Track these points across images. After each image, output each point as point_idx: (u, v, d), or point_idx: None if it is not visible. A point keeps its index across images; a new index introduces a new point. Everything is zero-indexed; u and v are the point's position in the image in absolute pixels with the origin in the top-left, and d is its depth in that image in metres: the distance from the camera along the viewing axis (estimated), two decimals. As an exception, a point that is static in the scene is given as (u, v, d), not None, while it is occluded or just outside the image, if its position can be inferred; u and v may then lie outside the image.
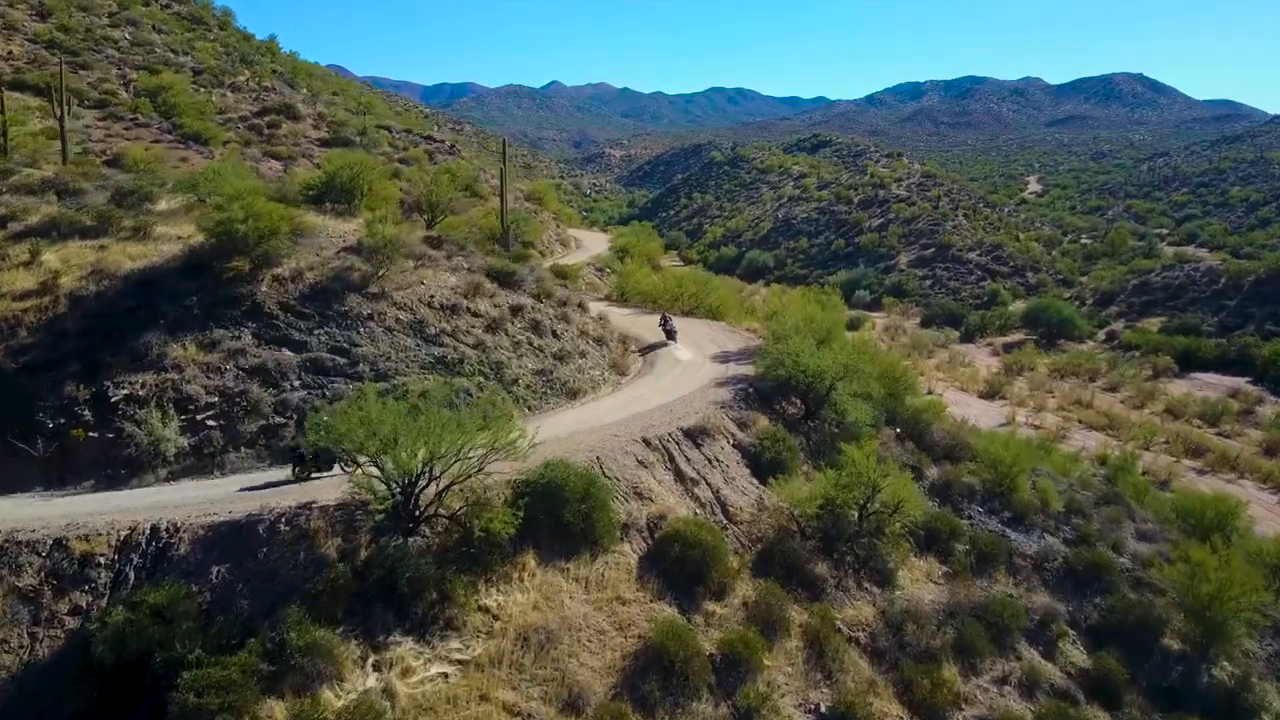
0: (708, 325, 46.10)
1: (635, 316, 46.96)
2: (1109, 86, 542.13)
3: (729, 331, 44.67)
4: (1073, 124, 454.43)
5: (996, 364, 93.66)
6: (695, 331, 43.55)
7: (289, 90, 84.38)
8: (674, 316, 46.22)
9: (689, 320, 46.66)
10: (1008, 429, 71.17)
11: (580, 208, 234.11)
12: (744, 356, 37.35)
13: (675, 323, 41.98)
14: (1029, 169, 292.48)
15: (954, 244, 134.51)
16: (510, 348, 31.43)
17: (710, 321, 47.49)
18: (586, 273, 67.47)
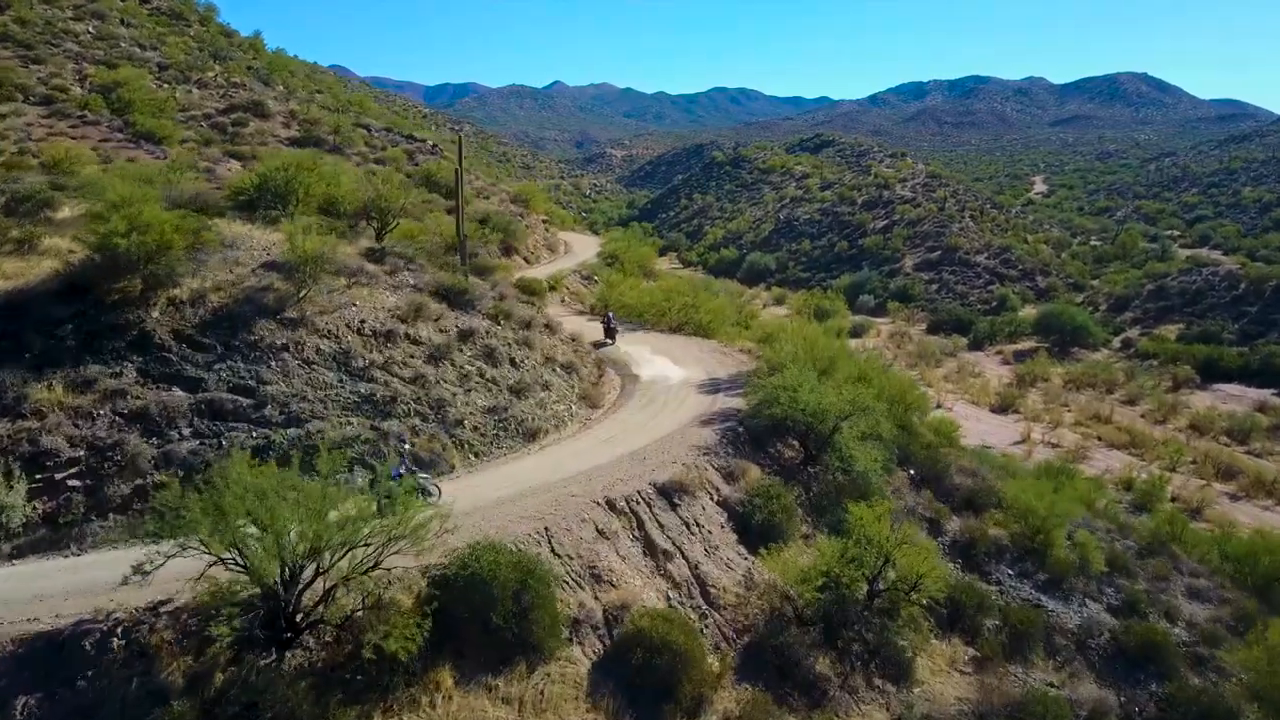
0: (697, 344, 41.11)
1: (623, 333, 42.08)
2: (1113, 86, 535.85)
3: (720, 353, 39.61)
4: (1077, 124, 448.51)
5: (1008, 374, 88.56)
6: (682, 352, 38.58)
7: (263, 87, 79.46)
8: (662, 334, 41.33)
9: (676, 339, 41.72)
10: (1024, 448, 66.28)
11: (579, 209, 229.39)
12: (735, 385, 32.32)
13: (661, 345, 37.25)
14: (1034, 169, 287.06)
15: (961, 247, 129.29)
16: (456, 381, 26.43)
17: (700, 340, 42.47)
18: (572, 280, 62.54)
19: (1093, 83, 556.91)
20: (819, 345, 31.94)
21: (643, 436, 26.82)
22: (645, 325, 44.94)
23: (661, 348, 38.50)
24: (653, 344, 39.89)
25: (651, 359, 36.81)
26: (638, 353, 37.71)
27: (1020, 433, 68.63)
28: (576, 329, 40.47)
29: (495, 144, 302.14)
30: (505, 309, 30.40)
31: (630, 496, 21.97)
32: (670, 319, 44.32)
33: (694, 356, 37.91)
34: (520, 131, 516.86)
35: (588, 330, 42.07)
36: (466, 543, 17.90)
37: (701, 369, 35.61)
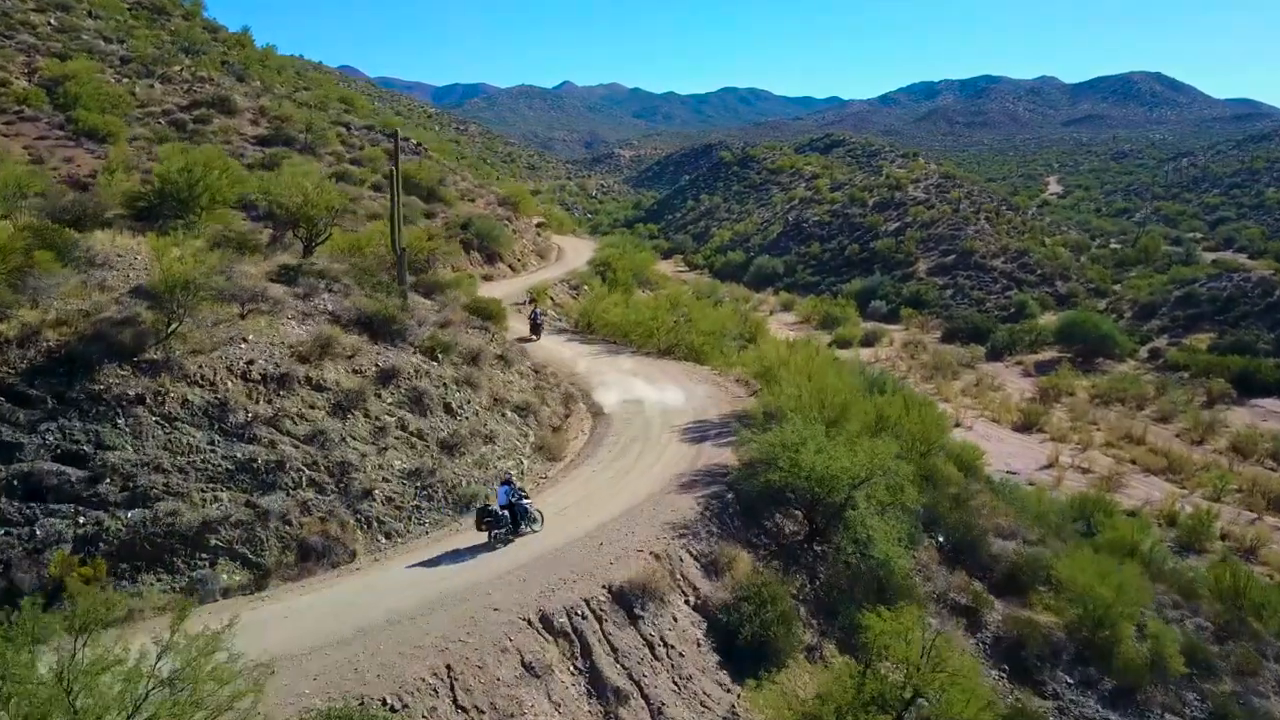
0: (688, 372, 35.37)
1: (598, 358, 36.40)
2: (1127, 85, 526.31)
3: (713, 383, 33.86)
4: (1090, 123, 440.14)
5: (1030, 387, 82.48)
6: (669, 382, 32.82)
7: (236, 83, 73.91)
8: (649, 359, 35.74)
9: (664, 365, 35.96)
10: (1052, 474, 60.32)
11: (585, 210, 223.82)
12: (727, 430, 26.58)
13: (645, 372, 31.62)
14: (1048, 169, 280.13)
15: (976, 250, 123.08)
16: (368, 437, 20.79)
17: (692, 367, 36.66)
18: (559, 290, 56.85)
19: (1105, 82, 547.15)
20: (828, 385, 26.00)
21: (605, 507, 21.11)
22: (631, 348, 39.27)
23: (645, 376, 32.78)
24: (636, 371, 34.16)
25: (630, 391, 31.09)
26: (617, 382, 32.02)
27: (1047, 456, 62.68)
28: (549, 355, 34.83)
29: (501, 144, 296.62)
30: (445, 340, 24.70)
31: (574, 607, 16.29)
32: (659, 340, 38.59)
33: (682, 388, 32.15)
34: (529, 132, 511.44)
35: (566, 353, 36.47)
36: (324, 706, 12.24)
37: (689, 405, 29.86)
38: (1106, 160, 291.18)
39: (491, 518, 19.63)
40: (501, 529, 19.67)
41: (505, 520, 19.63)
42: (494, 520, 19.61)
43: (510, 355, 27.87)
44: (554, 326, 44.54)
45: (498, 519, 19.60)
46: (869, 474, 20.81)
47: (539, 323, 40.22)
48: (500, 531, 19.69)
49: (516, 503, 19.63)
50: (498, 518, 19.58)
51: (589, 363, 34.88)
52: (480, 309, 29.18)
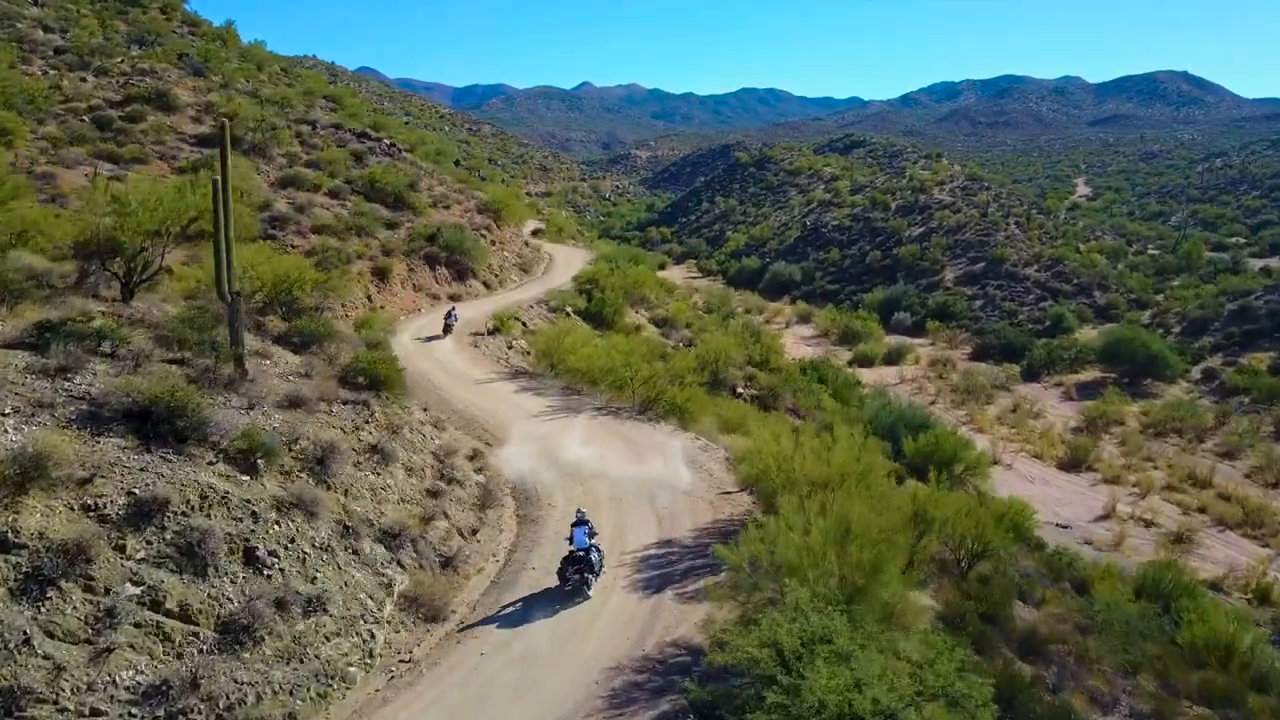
0: (663, 443, 26.65)
1: (547, 421, 27.85)
2: (1152, 85, 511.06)
3: (694, 464, 25.09)
4: (1116, 123, 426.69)
5: (1073, 414, 73.28)
6: (634, 463, 24.22)
7: (192, 78, 65.75)
8: (616, 420, 27.22)
9: (634, 431, 27.36)
10: (1111, 527, 51.27)
11: (598, 212, 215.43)
12: (701, 563, 17.94)
13: (608, 444, 23.09)
14: (1075, 170, 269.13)
15: (1007, 257, 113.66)
16: (80, 631, 12.26)
17: (672, 432, 27.94)
18: (535, 314, 48.35)
19: (1131, 82, 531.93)
20: (854, 516, 16.77)
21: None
22: (599, 400, 30.69)
23: (603, 454, 24.22)
24: (591, 441, 25.64)
25: (577, 480, 22.44)
26: (562, 464, 23.45)
27: (1103, 504, 53.63)
28: (480, 413, 26.25)
29: (515, 145, 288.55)
30: (264, 441, 15.97)
31: None
32: (634, 393, 30.02)
33: (648, 479, 23.38)
34: (547, 133, 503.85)
35: (503, 409, 27.94)
36: None
37: (655, 510, 21.17)
38: (1135, 161, 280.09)
39: (582, 563, 17.57)
40: (593, 574, 17.65)
41: (595, 564, 17.77)
42: (585, 564, 17.55)
43: (394, 445, 19.29)
44: (510, 366, 36.04)
45: (589, 563, 17.62)
46: (921, 697, 12.11)
47: (450, 324, 40.30)
48: (591, 577, 17.61)
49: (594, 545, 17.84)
50: (589, 562, 17.62)
51: (530, 427, 26.46)
52: (368, 370, 20.67)
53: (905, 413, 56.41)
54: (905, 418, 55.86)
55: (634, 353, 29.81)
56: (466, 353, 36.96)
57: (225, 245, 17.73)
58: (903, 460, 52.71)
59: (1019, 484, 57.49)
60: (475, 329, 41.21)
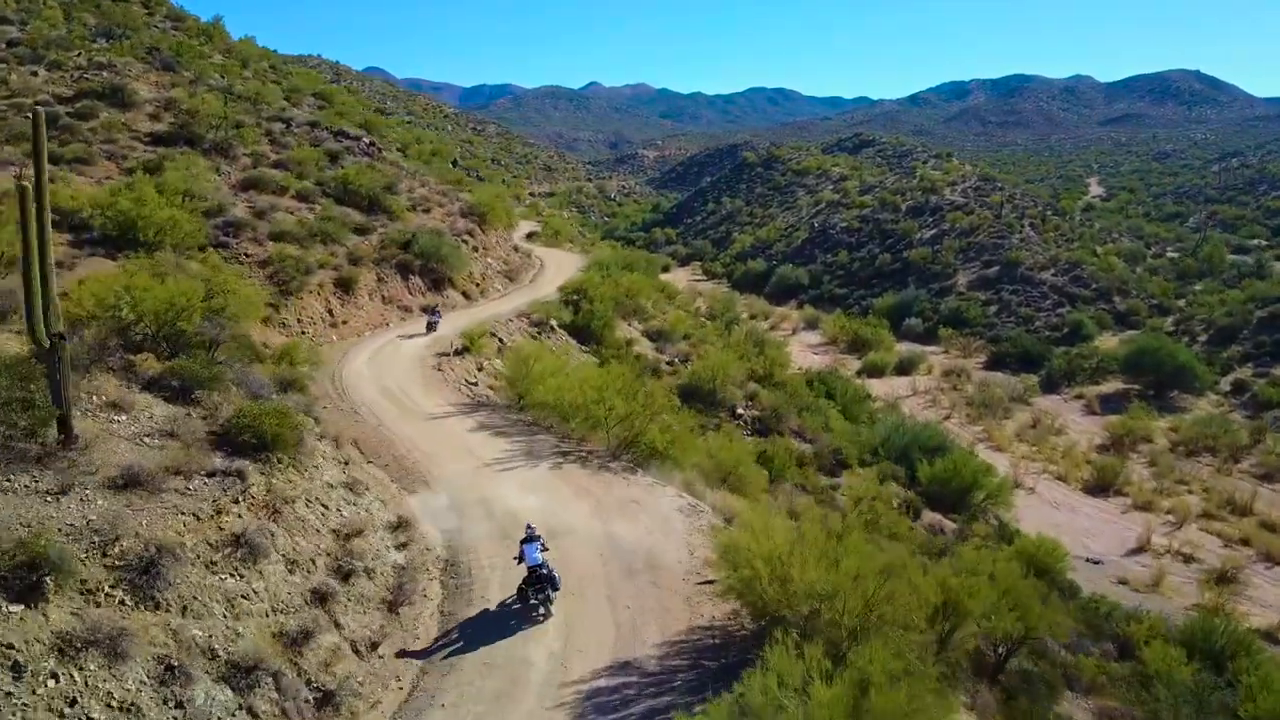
0: (636, 499, 21.97)
1: (497, 471, 23.30)
2: (1164, 84, 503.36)
3: (668, 535, 20.36)
4: (1128, 123, 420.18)
5: (1097, 430, 68.49)
6: (594, 535, 19.59)
7: (160, 72, 61.39)
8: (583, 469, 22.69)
9: (602, 484, 22.71)
10: (1146, 562, 46.54)
11: (602, 213, 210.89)
12: (673, 692, 13.40)
13: (574, 502, 18.57)
14: (1088, 170, 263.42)
15: (1023, 261, 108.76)
16: None
17: (649, 485, 23.25)
18: (513, 330, 43.87)
19: (1142, 81, 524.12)
20: (876, 669, 11.89)
21: None
22: (567, 441, 26.13)
23: (556, 516, 19.66)
24: (555, 501, 21.01)
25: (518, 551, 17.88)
26: (504, 534, 18.92)
27: (1136, 534, 48.90)
28: (419, 461, 21.74)
29: (520, 145, 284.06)
30: (49, 553, 11.35)
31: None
32: (609, 433, 25.46)
33: (617, 551, 18.75)
34: (554, 133, 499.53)
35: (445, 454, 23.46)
36: None
37: (608, 616, 16.51)
38: (1148, 161, 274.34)
39: (545, 581, 17.00)
40: (555, 589, 16.99)
41: (556, 580, 17.08)
42: (548, 582, 16.98)
43: (272, 531, 14.73)
44: (473, 395, 31.49)
45: (552, 580, 17.05)
46: None
47: (435, 321, 40.98)
48: (550, 593, 16.98)
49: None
50: (552, 579, 17.05)
51: (477, 481, 21.95)
52: (252, 427, 16.04)
53: (920, 434, 51.78)
54: (920, 440, 51.23)
55: (608, 386, 25.09)
56: (426, 377, 32.49)
57: (40, 273, 13.24)
58: (917, 488, 48.21)
59: (1043, 511, 52.85)
60: (442, 348, 36.72)
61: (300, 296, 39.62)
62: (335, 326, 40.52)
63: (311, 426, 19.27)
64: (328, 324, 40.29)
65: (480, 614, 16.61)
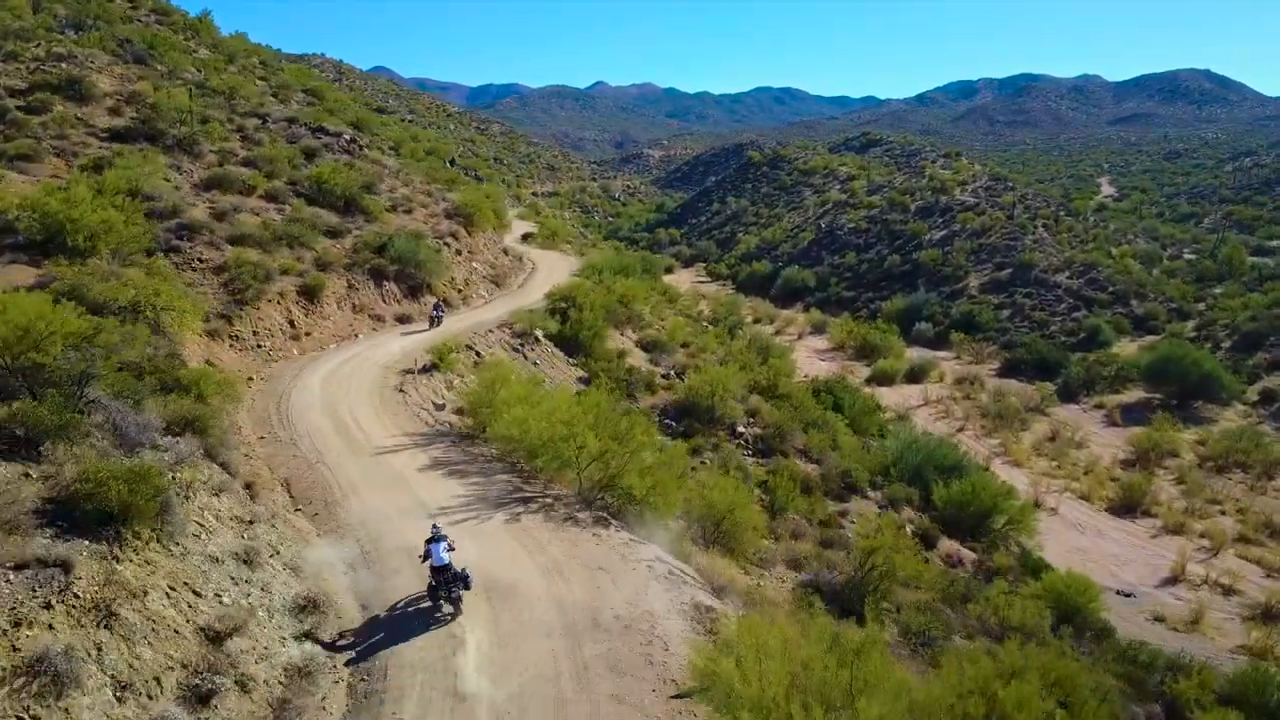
0: (617, 549, 18.13)
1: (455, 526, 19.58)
2: (1174, 83, 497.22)
3: (655, 612, 16.47)
4: (1137, 122, 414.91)
5: (1120, 443, 64.53)
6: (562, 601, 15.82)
7: (131, 65, 57.79)
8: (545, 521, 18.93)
9: (566, 543, 18.82)
10: (1181, 595, 42.64)
11: (606, 213, 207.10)
12: None
13: (528, 569, 14.88)
14: (1098, 170, 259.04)
15: (1037, 263, 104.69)
16: None
17: (625, 547, 19.27)
18: (493, 341, 40.18)
19: (1152, 80, 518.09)
20: None
21: None
22: (531, 484, 22.38)
23: (521, 590, 15.94)
24: (513, 566, 17.25)
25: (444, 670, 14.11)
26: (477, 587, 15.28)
27: (1169, 562, 44.96)
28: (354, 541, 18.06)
29: (524, 144, 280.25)
30: None
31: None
32: (580, 475, 21.69)
33: (575, 643, 14.92)
34: (560, 132, 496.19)
35: (375, 496, 19.74)
36: None
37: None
38: (1159, 160, 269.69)
39: (457, 580, 16.35)
40: (466, 588, 16.46)
41: (466, 576, 16.50)
42: (461, 580, 16.39)
43: (91, 646, 10.99)
44: (434, 422, 27.73)
45: (464, 578, 16.42)
46: None
47: (438, 317, 41.51)
48: (460, 592, 16.37)
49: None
50: (461, 576, 16.39)
51: (415, 535, 18.07)
52: (96, 494, 12.16)
53: (934, 452, 47.86)
54: (935, 458, 47.34)
55: (578, 419, 21.10)
56: (385, 400, 28.79)
57: None
58: (932, 512, 44.38)
59: (1067, 534, 48.97)
60: (407, 365, 32.97)
61: (258, 306, 35.95)
62: (297, 339, 36.85)
63: (204, 478, 15.58)
64: (288, 336, 36.63)
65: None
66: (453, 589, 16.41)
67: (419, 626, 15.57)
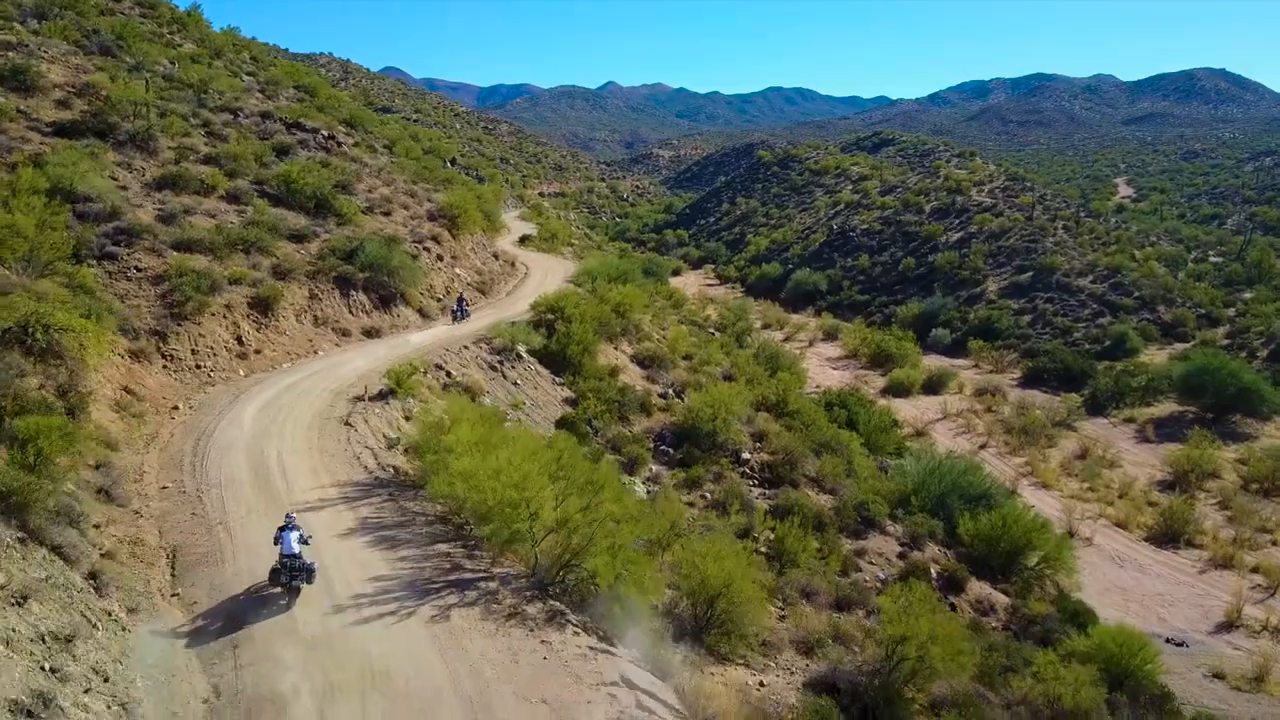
0: (575, 661, 13.70)
1: (368, 625, 15.16)
2: (1190, 82, 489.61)
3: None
4: (1152, 122, 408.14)
5: (1154, 461, 59.72)
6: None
7: (94, 58, 53.58)
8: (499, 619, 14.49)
9: (524, 645, 14.38)
10: (1238, 642, 37.93)
11: (614, 214, 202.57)
12: None
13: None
14: (1114, 170, 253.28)
15: (1058, 266, 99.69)
16: None
17: (590, 651, 14.80)
18: (467, 362, 35.82)
19: (1167, 79, 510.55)
20: None
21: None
22: (478, 568, 17.89)
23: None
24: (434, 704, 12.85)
25: None
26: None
27: (1222, 604, 40.20)
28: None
29: (532, 144, 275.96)
30: None
31: None
32: (539, 548, 17.12)
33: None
34: (570, 132, 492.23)
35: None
36: None
37: None
38: (1176, 160, 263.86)
39: (300, 570, 16.39)
40: (309, 582, 16.52)
41: (311, 569, 16.51)
42: (305, 572, 16.45)
43: None
44: (377, 466, 23.29)
45: (306, 569, 16.44)
46: None
47: (461, 313, 41.87)
48: (300, 584, 16.46)
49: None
50: (306, 568, 16.43)
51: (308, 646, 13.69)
52: None
53: (959, 479, 43.13)
54: (960, 485, 42.65)
55: (530, 482, 16.42)
56: (324, 437, 24.34)
57: None
58: (958, 548, 39.80)
59: (1105, 569, 44.26)
60: (358, 391, 28.53)
61: (199, 321, 31.59)
62: (245, 357, 32.48)
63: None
64: (234, 354, 32.28)
65: None
66: (295, 578, 16.36)
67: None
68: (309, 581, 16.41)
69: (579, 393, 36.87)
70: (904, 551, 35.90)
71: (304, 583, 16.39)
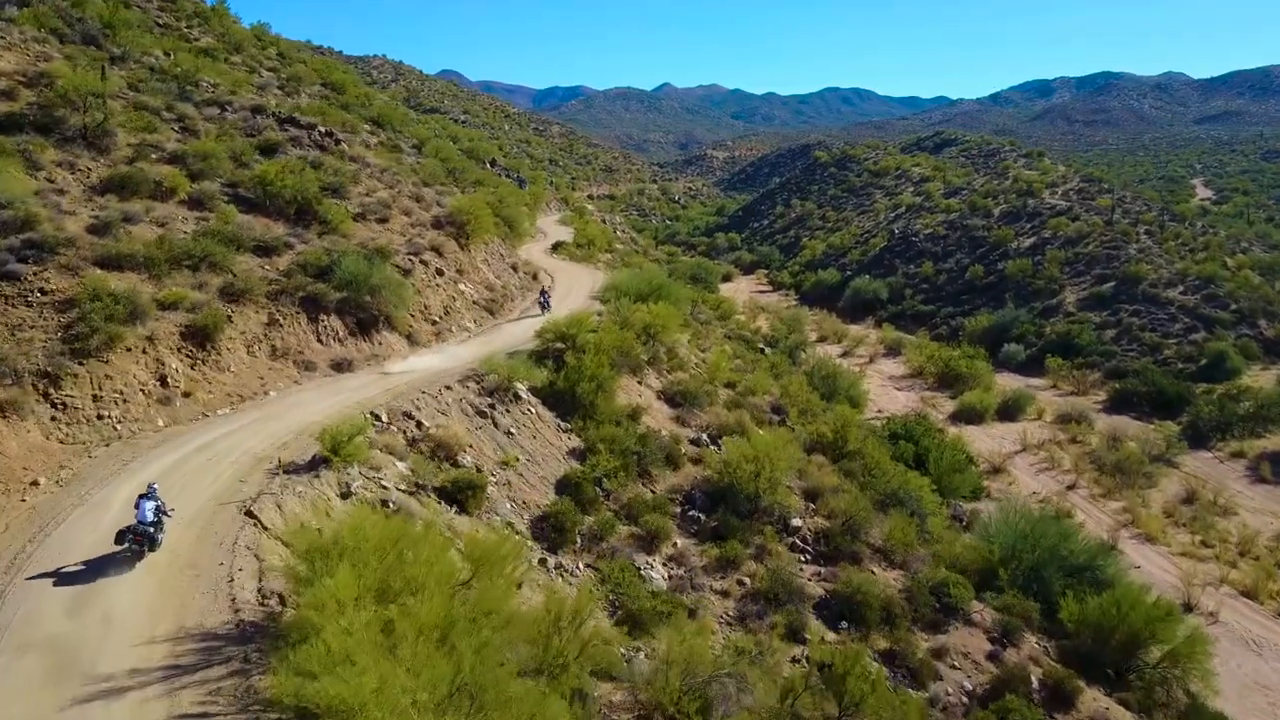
0: None
1: None
2: (1266, 79, 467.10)
3: None
4: (1227, 120, 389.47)
5: (1275, 506, 50.82)
6: None
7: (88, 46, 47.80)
8: None
9: None
10: None
11: (665, 216, 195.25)
12: None
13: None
14: (1190, 171, 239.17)
15: (1144, 276, 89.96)
16: None
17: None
18: (445, 408, 28.84)
19: (1241, 76, 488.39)
20: None
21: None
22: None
23: None
24: None
25: None
26: None
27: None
28: None
29: (584, 145, 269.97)
30: None
31: None
32: None
33: None
34: (625, 134, 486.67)
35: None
36: None
37: None
38: (1256, 160, 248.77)
39: (143, 538, 16.71)
40: (151, 549, 16.90)
41: (157, 540, 16.97)
42: (147, 538, 16.77)
43: None
44: (254, 604, 16.22)
45: (150, 538, 16.80)
46: None
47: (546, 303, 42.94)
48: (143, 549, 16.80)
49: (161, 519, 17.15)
50: (150, 537, 16.79)
51: None
52: None
53: (1058, 544, 34.98)
54: (1059, 553, 34.59)
55: (439, 683, 9.56)
56: (204, 539, 17.37)
57: None
58: (1057, 636, 31.90)
59: (1241, 659, 35.78)
60: (273, 461, 21.56)
61: (106, 358, 24.91)
62: (168, 402, 25.77)
63: None
64: (154, 399, 25.59)
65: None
66: (141, 543, 16.51)
67: None
68: (153, 549, 16.73)
69: (589, 442, 29.73)
70: (995, 651, 28.08)
71: (148, 549, 16.64)
